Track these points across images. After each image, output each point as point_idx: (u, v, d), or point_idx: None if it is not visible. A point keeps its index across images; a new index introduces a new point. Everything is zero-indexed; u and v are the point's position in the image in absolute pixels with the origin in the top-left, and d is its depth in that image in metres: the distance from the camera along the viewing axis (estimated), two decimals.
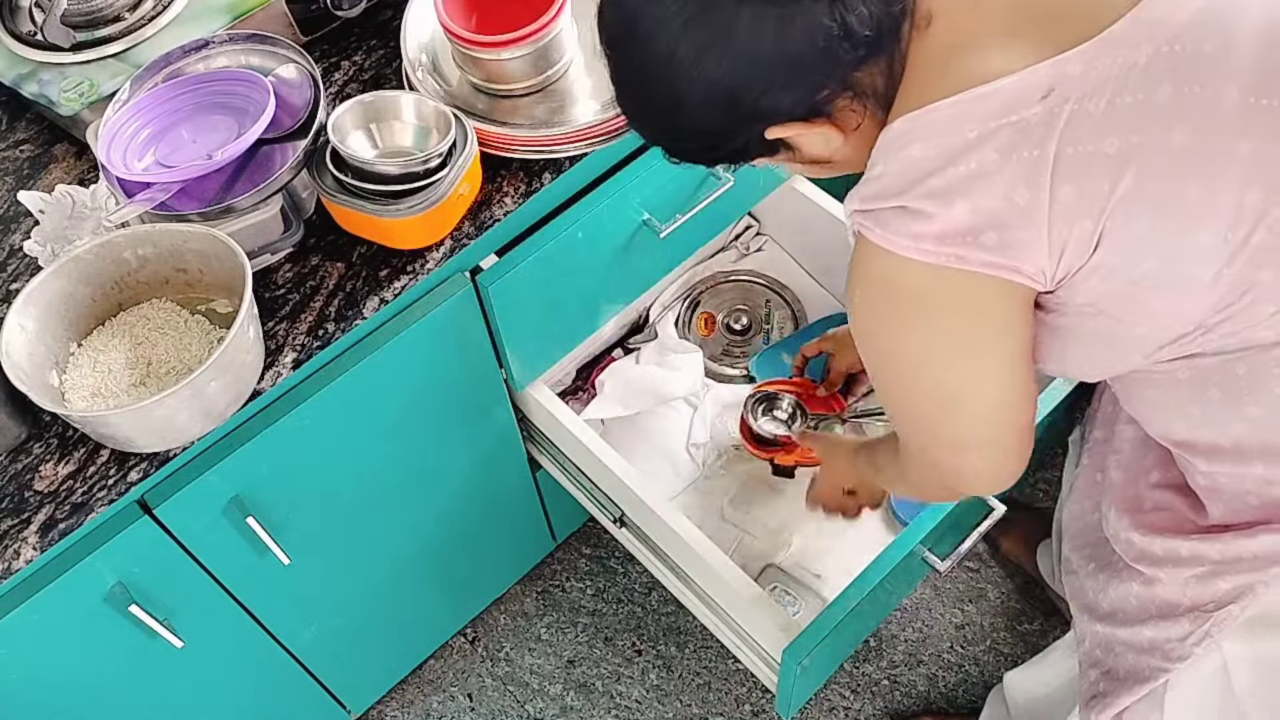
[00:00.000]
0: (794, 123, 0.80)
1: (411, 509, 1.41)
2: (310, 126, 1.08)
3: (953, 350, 0.83)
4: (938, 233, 0.75)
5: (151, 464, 1.03)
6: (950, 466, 0.92)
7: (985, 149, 0.74)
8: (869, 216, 0.79)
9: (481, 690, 1.77)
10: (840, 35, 0.75)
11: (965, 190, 0.74)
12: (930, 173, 0.75)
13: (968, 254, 0.75)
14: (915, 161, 0.76)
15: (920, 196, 0.75)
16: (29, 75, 1.17)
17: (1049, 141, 0.73)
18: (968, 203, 0.74)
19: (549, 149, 1.15)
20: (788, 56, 0.75)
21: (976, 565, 1.81)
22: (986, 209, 0.74)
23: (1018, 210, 0.74)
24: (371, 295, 1.10)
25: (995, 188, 0.74)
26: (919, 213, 0.76)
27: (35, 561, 0.99)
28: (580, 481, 1.44)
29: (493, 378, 1.33)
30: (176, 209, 1.05)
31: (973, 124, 0.74)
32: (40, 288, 1.01)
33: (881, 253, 0.78)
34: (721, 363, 1.61)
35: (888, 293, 0.81)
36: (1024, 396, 0.87)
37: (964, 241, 0.75)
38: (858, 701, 1.71)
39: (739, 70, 0.76)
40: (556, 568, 1.87)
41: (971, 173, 0.74)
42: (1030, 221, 0.74)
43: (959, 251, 0.75)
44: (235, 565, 1.20)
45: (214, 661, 1.29)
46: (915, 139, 0.76)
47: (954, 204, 0.74)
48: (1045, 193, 0.73)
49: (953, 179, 0.74)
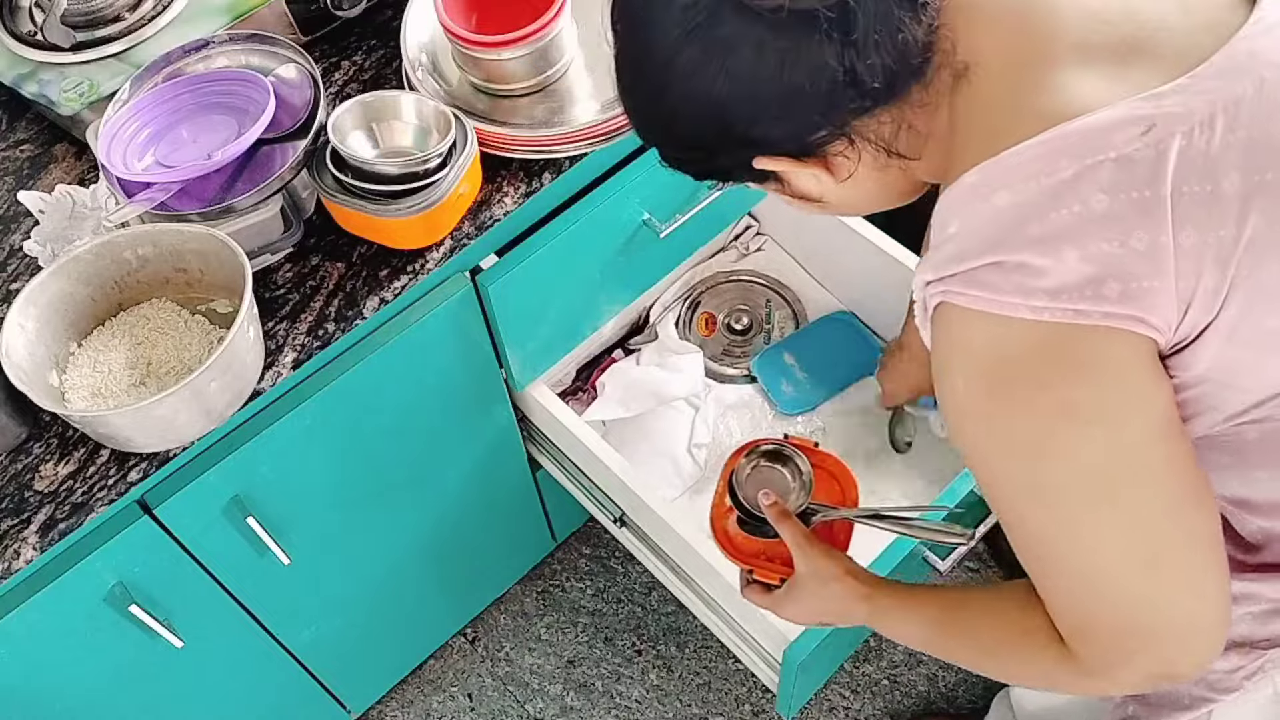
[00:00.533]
0: (783, 157, 0.76)
1: (411, 509, 1.41)
2: (310, 126, 1.08)
3: (1087, 426, 0.68)
4: (1052, 287, 0.65)
5: (151, 464, 1.03)
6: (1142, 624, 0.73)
7: (1088, 188, 0.65)
8: (955, 280, 0.69)
9: (481, 690, 1.77)
10: (845, 81, 0.70)
11: (1074, 236, 0.65)
12: (1026, 220, 0.66)
13: (1088, 307, 0.65)
14: (1004, 210, 0.67)
15: (1020, 248, 0.66)
16: (29, 75, 1.17)
17: (1160, 181, 0.65)
18: (1078, 250, 0.65)
19: (549, 149, 1.15)
20: (785, 91, 0.71)
21: (976, 565, 1.81)
22: (1103, 255, 0.65)
23: (1139, 256, 0.65)
24: (371, 295, 1.10)
25: (1109, 231, 0.65)
26: (1023, 266, 0.66)
27: (35, 561, 0.99)
28: (580, 481, 1.44)
29: (493, 378, 1.33)
30: (176, 209, 1.05)
31: (1068, 161, 0.66)
32: (40, 288, 1.01)
33: (979, 319, 0.68)
34: (722, 363, 1.61)
35: (997, 366, 0.69)
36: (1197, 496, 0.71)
37: (1083, 295, 0.65)
38: (858, 701, 1.71)
39: (733, 93, 0.72)
40: (556, 568, 1.87)
41: (1077, 216, 0.65)
42: (1156, 269, 0.65)
43: (1077, 306, 0.65)
44: (235, 565, 1.20)
45: (214, 661, 1.29)
46: (999, 185, 0.68)
47: (1063, 253, 0.65)
48: (1167, 236, 0.65)
49: (1056, 225, 0.65)
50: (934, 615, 0.89)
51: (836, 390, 1.57)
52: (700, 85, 0.72)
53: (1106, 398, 0.68)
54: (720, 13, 0.69)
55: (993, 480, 0.74)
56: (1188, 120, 0.65)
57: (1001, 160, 0.68)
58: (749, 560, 1.05)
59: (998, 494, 0.74)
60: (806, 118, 0.73)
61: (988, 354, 0.69)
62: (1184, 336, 0.68)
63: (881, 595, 0.94)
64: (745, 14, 0.69)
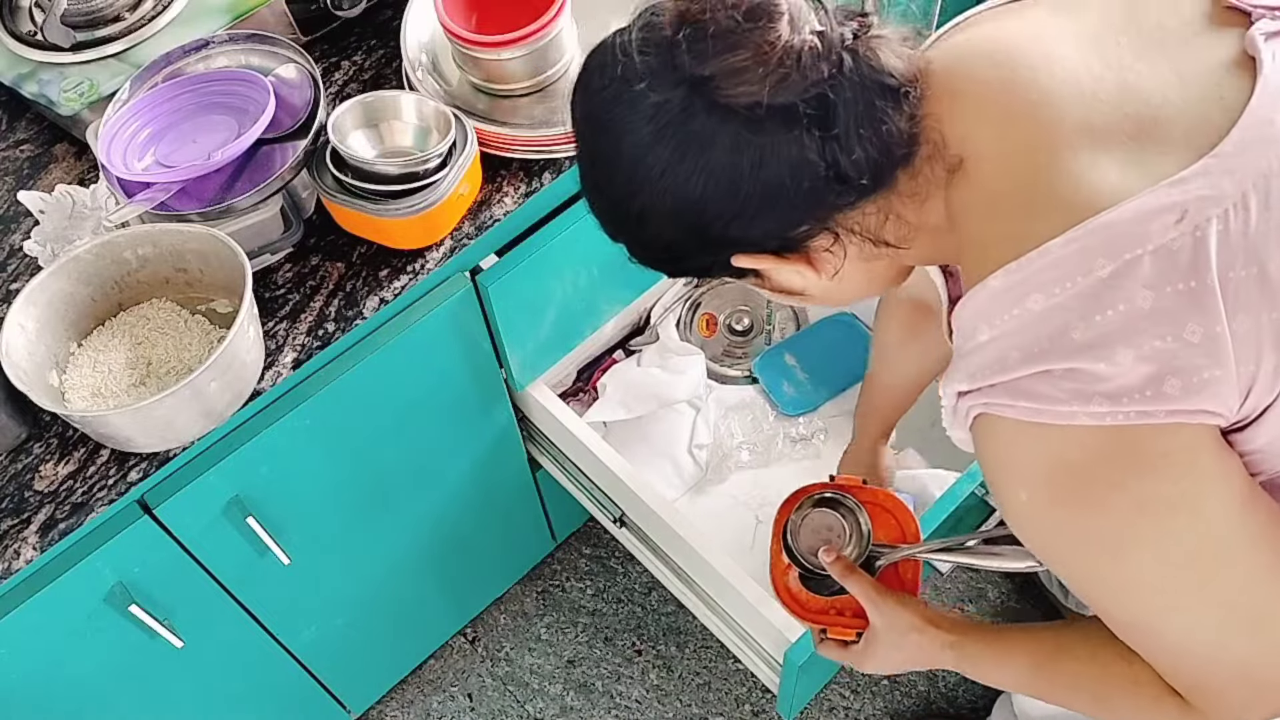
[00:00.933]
0: (764, 255, 0.73)
1: (411, 509, 1.41)
2: (310, 126, 1.08)
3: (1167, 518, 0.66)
4: (1111, 391, 0.62)
5: (151, 464, 1.03)
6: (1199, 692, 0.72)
7: (1130, 285, 0.62)
8: (998, 391, 0.66)
9: (481, 690, 1.77)
10: (828, 176, 0.67)
11: (1125, 336, 0.62)
12: (1069, 325, 0.63)
13: (1153, 408, 0.62)
14: (1042, 316, 0.64)
15: (1068, 355, 0.63)
16: (29, 75, 1.17)
17: (1205, 270, 0.62)
18: (1132, 350, 0.62)
19: (549, 149, 1.15)
20: (765, 188, 0.67)
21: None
22: (1159, 353, 0.62)
23: (1195, 348, 0.62)
24: (371, 295, 1.10)
25: (1161, 327, 0.62)
26: (1074, 372, 0.63)
27: (35, 561, 0.99)
28: (580, 481, 1.44)
29: (493, 378, 1.33)
30: (176, 209, 1.05)
31: (1103, 259, 0.62)
32: (40, 288, 1.01)
33: (1034, 429, 0.65)
34: (723, 364, 1.61)
35: (1061, 475, 0.66)
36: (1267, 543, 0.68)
37: (1144, 396, 0.62)
38: (858, 701, 1.71)
39: (708, 192, 0.68)
40: (556, 568, 1.87)
41: (1123, 315, 0.62)
42: (1213, 360, 0.62)
43: (1141, 408, 0.62)
44: (235, 565, 1.20)
45: (214, 661, 1.29)
46: (1031, 289, 0.64)
47: (1116, 355, 0.62)
48: (1222, 325, 0.62)
49: (1103, 327, 0.62)
50: (1030, 663, 0.86)
51: (838, 391, 1.57)
52: (673, 185, 0.69)
53: (1182, 487, 0.65)
54: (693, 109, 0.66)
55: (1075, 577, 0.72)
56: (1220, 203, 0.62)
57: (1029, 262, 0.64)
58: (819, 619, 1.00)
59: (1084, 588, 0.72)
60: (788, 215, 0.70)
61: (1049, 464, 0.66)
62: (1244, 417, 0.66)
63: (969, 643, 0.91)
64: (719, 111, 0.66)
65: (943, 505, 1.22)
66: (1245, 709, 0.72)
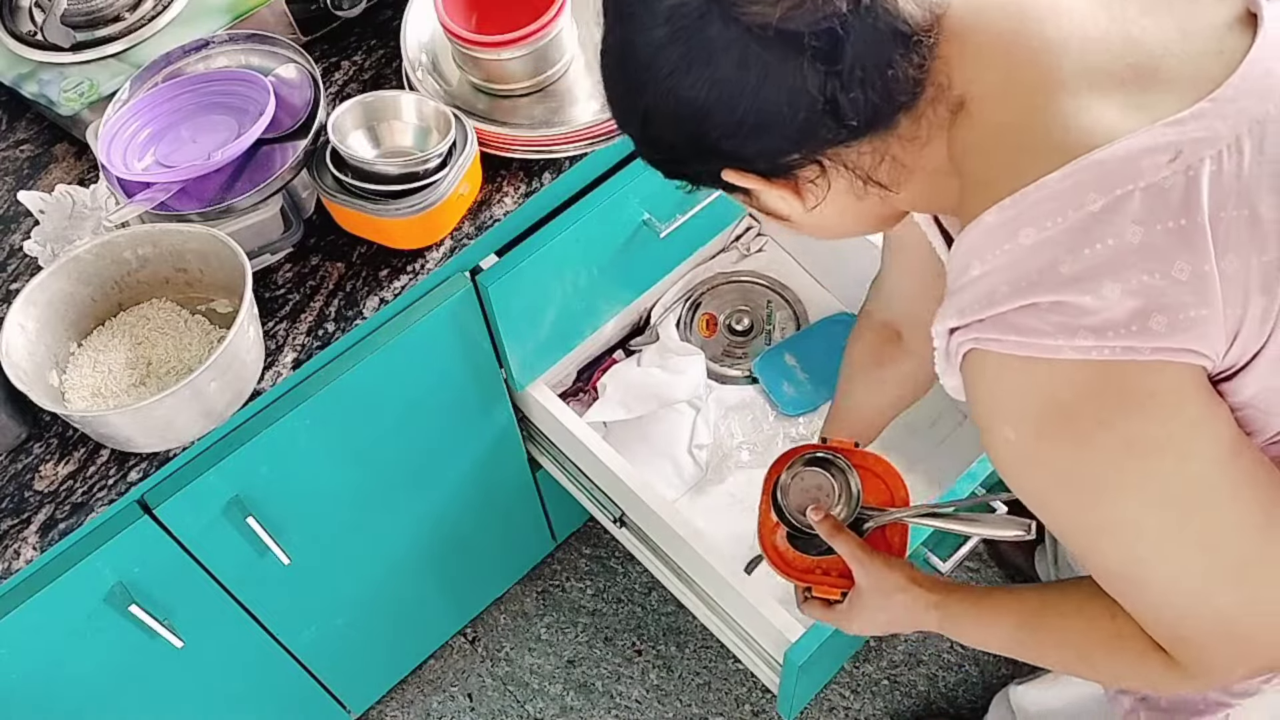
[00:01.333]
0: (752, 175, 0.74)
1: (411, 509, 1.41)
2: (310, 126, 1.08)
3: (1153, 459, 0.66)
4: (1096, 325, 0.63)
5: (151, 464, 1.03)
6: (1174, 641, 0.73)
7: (1120, 221, 0.62)
8: (986, 325, 0.66)
9: (481, 690, 1.77)
10: (824, 110, 0.67)
11: (1113, 270, 0.62)
12: (1058, 258, 0.63)
13: (1137, 344, 0.63)
14: (1032, 249, 0.64)
15: (1055, 288, 0.63)
16: (29, 75, 1.17)
17: (1196, 209, 0.62)
18: (1119, 284, 0.62)
19: (549, 149, 1.15)
20: (761, 109, 0.68)
21: (976, 565, 1.81)
22: (1146, 288, 0.62)
23: (1183, 286, 0.62)
24: (371, 295, 1.10)
25: (1149, 263, 0.62)
26: (1061, 305, 0.63)
27: (35, 561, 0.99)
28: (580, 481, 1.44)
29: (493, 378, 1.33)
30: (176, 209, 1.05)
31: (1095, 194, 0.63)
32: (40, 288, 1.01)
33: (1020, 364, 0.65)
34: (723, 364, 1.61)
35: (1048, 411, 0.66)
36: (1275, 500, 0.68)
37: (1130, 331, 0.62)
38: (858, 701, 1.71)
39: (709, 102, 0.69)
40: (556, 568, 1.87)
41: (1112, 249, 0.62)
42: (1200, 298, 0.63)
43: (1126, 343, 0.62)
44: (235, 565, 1.20)
45: (214, 661, 1.29)
46: (1023, 223, 0.64)
47: (1103, 289, 0.62)
48: (1210, 264, 0.62)
49: (1091, 260, 0.63)
50: (1015, 622, 0.86)
51: None
52: (678, 88, 0.70)
53: (1169, 429, 0.65)
54: (708, 17, 0.67)
55: (1059, 520, 0.72)
56: (1214, 144, 0.63)
57: (1022, 197, 0.65)
58: (805, 577, 1.01)
59: (1067, 532, 0.72)
60: (779, 140, 0.70)
61: (1036, 399, 0.66)
62: (1231, 364, 0.66)
63: (953, 603, 0.92)
64: (732, 24, 0.66)
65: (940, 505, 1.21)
66: (1228, 663, 0.72)
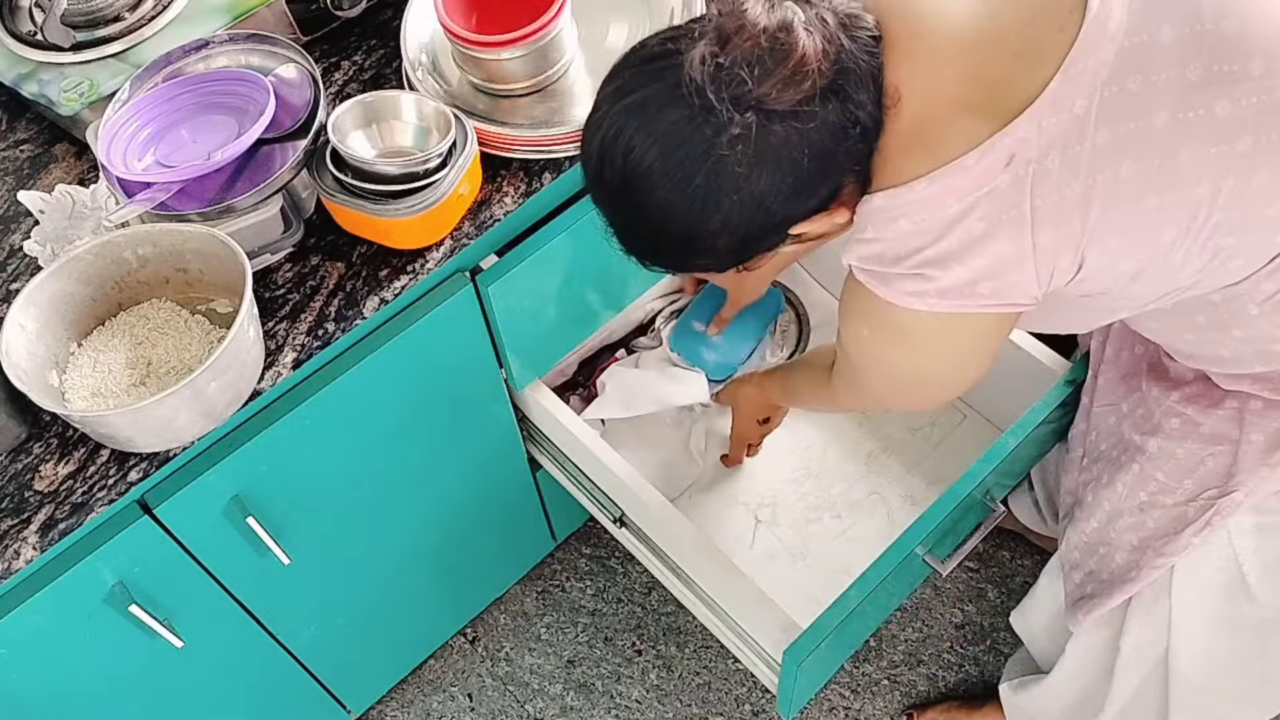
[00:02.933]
0: (815, 215, 0.87)
1: (411, 509, 1.41)
2: (310, 126, 1.08)
3: (943, 361, 0.96)
4: (940, 289, 0.86)
5: (151, 464, 1.03)
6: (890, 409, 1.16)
7: (969, 219, 0.83)
8: (871, 275, 0.89)
9: (481, 690, 1.77)
10: (854, 129, 0.82)
11: (958, 256, 0.84)
12: (922, 246, 0.85)
13: (968, 302, 0.86)
14: (905, 235, 0.85)
15: (917, 265, 0.85)
16: (29, 75, 1.17)
17: (1022, 202, 0.82)
18: (961, 265, 0.84)
19: (549, 149, 1.15)
20: (819, 161, 0.82)
21: (976, 565, 1.81)
22: (979, 267, 0.84)
23: (1006, 261, 0.84)
24: (371, 295, 1.10)
25: (985, 249, 0.83)
26: (919, 276, 0.86)
27: (35, 561, 0.99)
28: (580, 481, 1.44)
29: (493, 378, 1.33)
30: (176, 209, 1.05)
31: (951, 200, 0.82)
32: (40, 288, 1.01)
33: (886, 304, 0.89)
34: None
35: (893, 332, 0.92)
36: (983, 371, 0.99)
37: (963, 294, 0.86)
38: (858, 701, 1.71)
39: (776, 186, 0.82)
40: (556, 568, 1.87)
41: (961, 240, 0.83)
42: (1019, 267, 0.84)
43: (961, 302, 0.86)
44: (235, 565, 1.20)
45: (214, 661, 1.29)
46: (900, 214, 0.85)
47: (950, 268, 0.84)
48: (1028, 242, 0.83)
49: (944, 249, 0.84)
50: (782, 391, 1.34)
51: (756, 339, 1.55)
52: (748, 190, 0.81)
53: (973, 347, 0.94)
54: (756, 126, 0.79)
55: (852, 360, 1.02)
56: (1037, 145, 0.80)
57: (902, 194, 0.84)
58: None
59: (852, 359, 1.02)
60: (837, 176, 0.85)
61: (888, 324, 0.92)
62: (1054, 288, 0.88)
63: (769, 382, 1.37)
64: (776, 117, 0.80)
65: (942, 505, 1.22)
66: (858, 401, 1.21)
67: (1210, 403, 1.03)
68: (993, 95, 0.82)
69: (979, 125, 0.81)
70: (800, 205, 0.85)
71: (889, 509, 1.48)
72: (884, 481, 1.49)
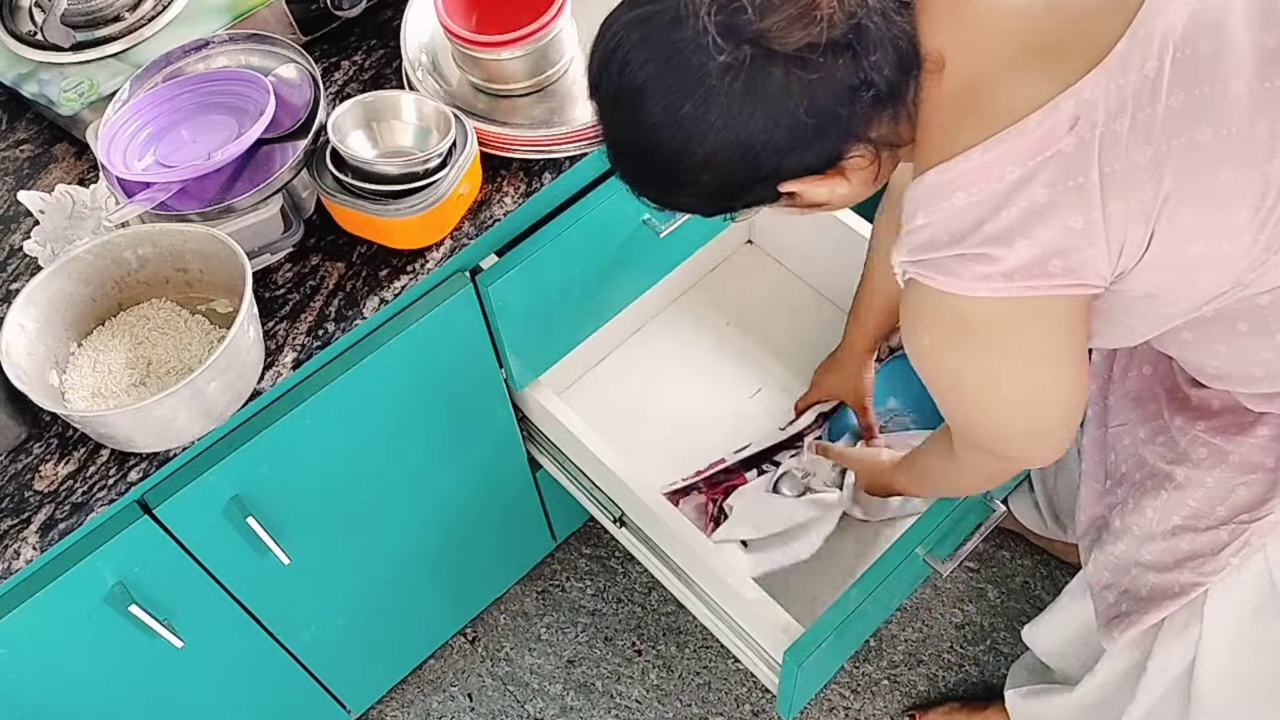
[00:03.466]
0: (811, 176, 0.82)
1: (411, 509, 1.41)
2: (310, 126, 1.08)
3: (1027, 363, 0.86)
4: (1006, 271, 0.78)
5: (151, 464, 1.03)
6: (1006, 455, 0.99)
7: (1032, 187, 0.76)
8: (925, 265, 0.82)
9: (481, 690, 1.77)
10: (869, 97, 0.78)
11: (1023, 229, 0.77)
12: (982, 220, 0.77)
13: (1038, 283, 0.79)
14: (962, 211, 0.78)
15: (978, 243, 0.78)
16: (29, 75, 1.17)
17: (1089, 167, 0.75)
18: (1027, 240, 0.77)
19: (549, 149, 1.15)
20: (816, 119, 0.77)
21: (976, 565, 1.81)
22: (1047, 241, 0.77)
23: (1076, 234, 0.77)
24: (371, 295, 1.10)
25: (1051, 221, 0.77)
26: (981, 256, 0.78)
27: (35, 561, 0.99)
28: (580, 481, 1.44)
29: (493, 378, 1.33)
30: (176, 209, 1.05)
31: (1012, 165, 0.76)
32: (40, 288, 1.01)
33: (947, 296, 0.81)
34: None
35: (961, 330, 0.84)
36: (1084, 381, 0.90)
37: (1032, 274, 0.78)
38: (858, 701, 1.71)
39: (768, 132, 0.77)
40: (556, 568, 1.87)
41: (1024, 211, 0.76)
42: (1089, 241, 0.77)
43: (1029, 283, 0.78)
44: (235, 565, 1.20)
45: (214, 661, 1.29)
46: (956, 188, 0.78)
47: (1015, 244, 0.77)
48: (1098, 212, 0.76)
49: (1007, 222, 0.77)
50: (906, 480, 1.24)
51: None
52: (737, 130, 0.77)
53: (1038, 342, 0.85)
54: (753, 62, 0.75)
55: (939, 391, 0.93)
56: (1104, 107, 0.75)
57: (956, 165, 0.78)
58: None
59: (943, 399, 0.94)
60: (836, 135, 0.80)
61: (950, 322, 0.84)
62: (1122, 270, 0.80)
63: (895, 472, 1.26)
64: (776, 59, 0.75)
65: (942, 505, 1.22)
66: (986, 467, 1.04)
67: (1239, 430, 0.98)
68: (1052, 57, 0.76)
69: (1040, 86, 0.76)
70: (793, 160, 0.80)
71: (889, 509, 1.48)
72: None
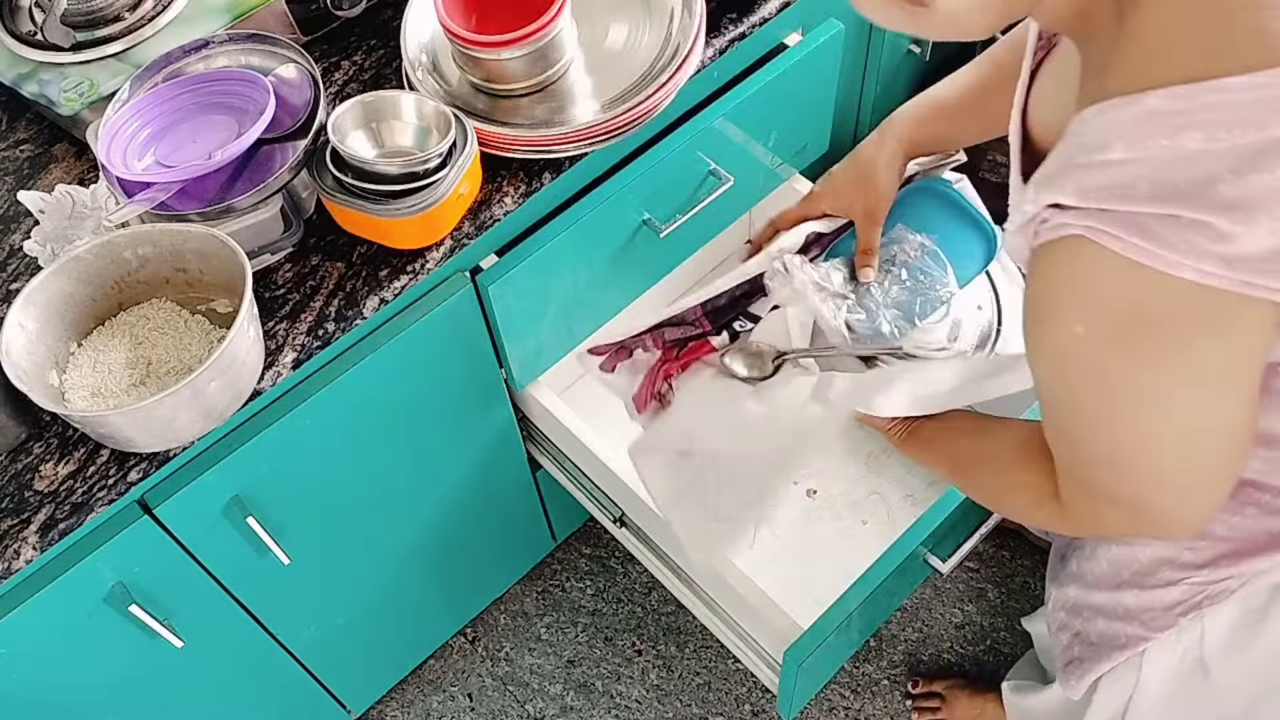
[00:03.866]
0: None
1: (411, 509, 1.41)
2: (310, 126, 1.08)
3: (1214, 385, 0.66)
4: (1231, 255, 0.58)
5: (151, 464, 1.03)
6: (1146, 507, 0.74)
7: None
8: (1114, 220, 0.60)
9: (481, 690, 1.77)
10: None
11: (1273, 205, 0.57)
12: (1217, 177, 0.57)
13: (1261, 281, 0.59)
14: (1191, 157, 0.58)
15: (1204, 208, 0.58)
16: (29, 75, 1.17)
17: None
18: (1273, 220, 0.57)
19: (549, 149, 1.15)
20: None
21: (976, 565, 1.81)
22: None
23: None
24: (371, 295, 1.10)
25: None
26: (1202, 225, 0.58)
27: (35, 561, 0.99)
28: (580, 481, 1.44)
29: (493, 378, 1.33)
30: (176, 209, 1.05)
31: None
32: (40, 288, 1.01)
33: (1128, 267, 0.60)
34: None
35: (1136, 321, 0.63)
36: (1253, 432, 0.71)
37: (1264, 268, 0.58)
38: (858, 701, 1.71)
39: None
40: (556, 568, 1.87)
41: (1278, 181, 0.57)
42: None
43: (1251, 279, 0.59)
44: (235, 565, 1.20)
45: (214, 661, 1.29)
46: (1191, 124, 0.58)
47: (1257, 221, 0.57)
48: None
49: (1256, 188, 0.57)
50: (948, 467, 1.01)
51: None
52: None
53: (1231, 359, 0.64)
54: None
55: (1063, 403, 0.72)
56: None
57: (1198, 93, 0.58)
58: None
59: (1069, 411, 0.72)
60: None
61: (1123, 305, 0.63)
62: None
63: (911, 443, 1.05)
64: None
65: (942, 505, 1.22)
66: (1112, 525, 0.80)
67: None
68: None
69: None
70: None
71: (889, 509, 1.48)
72: (884, 481, 1.49)
